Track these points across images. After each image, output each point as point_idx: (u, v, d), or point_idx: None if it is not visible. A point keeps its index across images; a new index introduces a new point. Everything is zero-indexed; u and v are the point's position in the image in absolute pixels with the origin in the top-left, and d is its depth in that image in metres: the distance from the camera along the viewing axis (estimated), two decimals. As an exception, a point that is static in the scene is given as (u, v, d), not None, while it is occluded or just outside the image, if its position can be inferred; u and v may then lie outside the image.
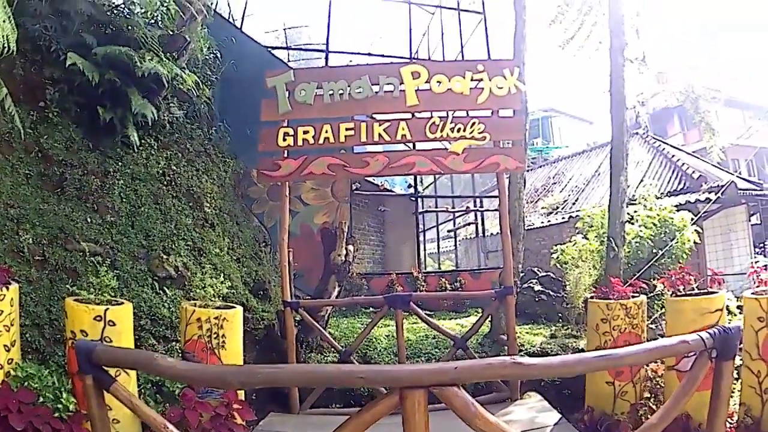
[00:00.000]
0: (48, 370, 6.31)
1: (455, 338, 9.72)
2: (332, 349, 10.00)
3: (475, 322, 10.00)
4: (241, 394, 7.31)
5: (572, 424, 7.85)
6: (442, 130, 9.26)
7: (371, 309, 13.72)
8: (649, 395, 7.95)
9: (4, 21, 6.13)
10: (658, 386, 7.98)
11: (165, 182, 10.22)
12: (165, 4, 10.54)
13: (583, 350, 9.69)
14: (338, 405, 9.32)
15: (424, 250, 21.81)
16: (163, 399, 7.20)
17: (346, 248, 10.95)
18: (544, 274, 13.94)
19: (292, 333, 9.38)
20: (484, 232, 22.81)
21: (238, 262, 11.28)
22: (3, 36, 6.10)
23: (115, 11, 10.46)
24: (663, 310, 9.44)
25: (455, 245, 25.51)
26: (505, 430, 3.25)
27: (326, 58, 16.86)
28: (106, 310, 6.40)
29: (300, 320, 9.79)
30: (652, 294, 9.77)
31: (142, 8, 10.66)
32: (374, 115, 9.95)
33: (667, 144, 24.24)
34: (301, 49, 21.52)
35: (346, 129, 9.39)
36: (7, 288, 6.08)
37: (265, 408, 8.67)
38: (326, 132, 9.34)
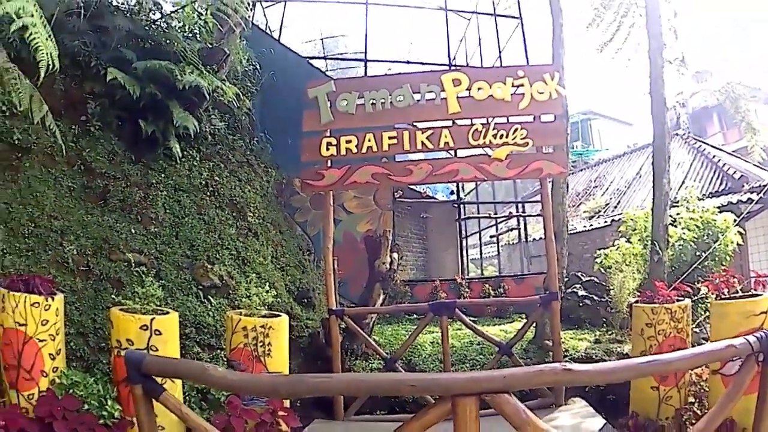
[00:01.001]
0: (93, 378, 6.34)
1: (500, 344, 9.58)
2: (377, 356, 9.90)
3: (520, 328, 9.88)
4: (287, 401, 7.22)
5: (617, 430, 7.69)
6: (484, 137, 9.13)
7: (415, 316, 13.55)
8: (693, 400, 7.72)
9: (46, 39, 6.12)
10: (703, 391, 7.76)
11: (208, 193, 10.21)
12: (203, 18, 10.58)
13: (627, 355, 9.48)
14: (383, 411, 9.25)
15: (467, 256, 21.62)
16: (208, 406, 7.18)
17: (390, 256, 10.83)
18: (588, 278, 13.65)
19: (337, 340, 9.31)
20: (526, 238, 22.54)
21: (282, 271, 11.23)
22: (48, 54, 6.09)
23: (153, 26, 10.50)
24: (707, 313, 9.27)
25: (498, 251, 25.23)
26: None
27: (365, 67, 16.87)
28: (152, 319, 6.44)
29: (345, 328, 9.68)
30: (696, 297, 9.54)
31: (180, 23, 10.74)
32: (415, 123, 9.85)
33: (708, 144, 23.69)
34: (340, 59, 21.55)
35: (389, 137, 9.29)
36: (53, 298, 6.14)
37: (310, 414, 8.59)
38: (369, 141, 9.25)
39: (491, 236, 25.96)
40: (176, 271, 8.80)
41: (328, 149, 9.33)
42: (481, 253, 25.78)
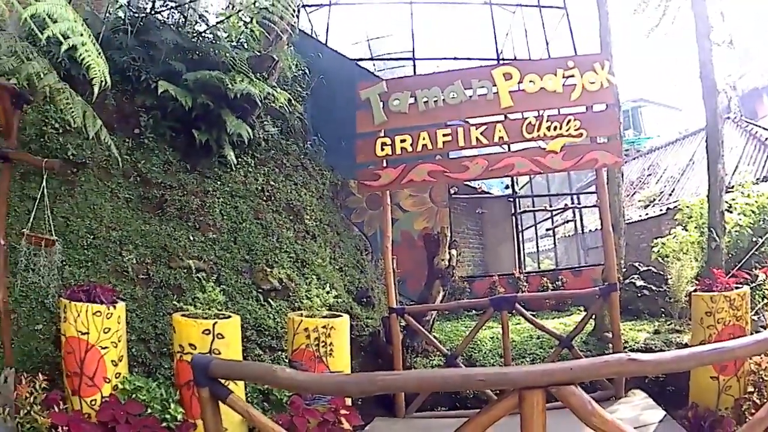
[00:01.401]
0: (156, 383, 6.44)
1: (561, 338, 9.37)
2: (437, 353, 9.76)
3: (580, 320, 9.63)
4: (349, 400, 7.20)
5: (676, 421, 7.46)
6: (538, 130, 8.95)
7: (473, 312, 13.43)
8: (752, 389, 7.44)
9: (97, 56, 6.13)
10: (762, 380, 7.45)
11: (264, 198, 10.19)
12: (249, 27, 10.57)
13: (687, 345, 9.22)
14: (444, 408, 9.08)
15: (523, 250, 21.35)
16: (270, 407, 7.20)
17: (449, 252, 10.69)
18: (646, 268, 13.30)
19: (398, 338, 9.18)
20: (582, 229, 22.22)
21: (341, 272, 11.16)
22: (100, 71, 6.11)
23: (200, 38, 10.61)
24: (765, 300, 9.05)
25: (554, 244, 24.88)
26: (621, 428, 3.06)
27: (414, 66, 16.72)
28: (214, 323, 6.48)
29: (405, 326, 9.56)
30: (754, 284, 9.25)
31: (226, 33, 10.76)
32: (467, 119, 9.72)
33: (760, 127, 23.04)
34: (387, 59, 21.40)
35: (444, 135, 9.18)
36: (114, 306, 6.27)
37: (371, 412, 8.46)
38: (424, 139, 9.16)
39: (547, 229, 25.57)
40: (236, 276, 8.81)
41: (383, 149, 9.27)
42: (537, 247, 25.41)
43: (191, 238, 8.70)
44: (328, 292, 7.85)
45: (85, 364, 5.93)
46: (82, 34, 5.91)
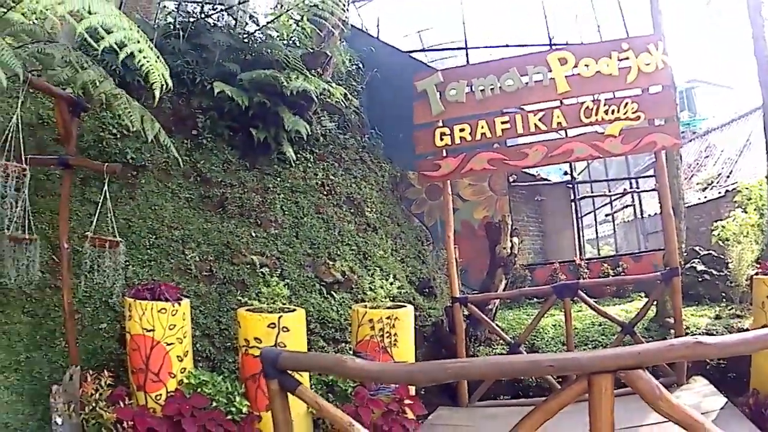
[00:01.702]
0: (221, 376, 6.48)
1: (623, 324, 9.16)
2: (500, 342, 9.61)
3: (642, 306, 9.43)
4: (412, 389, 7.15)
5: (737, 408, 7.17)
6: (596, 114, 8.70)
7: (535, 299, 13.21)
8: (813, 374, 7.17)
9: (156, 61, 6.11)
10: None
11: (324, 192, 10.21)
12: (300, 25, 10.57)
13: (748, 330, 8.89)
14: (506, 397, 8.94)
15: (583, 236, 21.00)
16: (334, 398, 7.11)
17: (510, 240, 10.51)
18: (706, 252, 12.93)
19: (461, 327, 9.03)
20: (642, 214, 21.78)
21: (403, 263, 11.08)
22: (160, 74, 6.13)
23: (252, 38, 10.66)
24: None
25: (613, 229, 24.42)
26: (688, 412, 2.97)
27: (466, 55, 16.48)
28: (279, 317, 6.49)
29: (468, 315, 9.41)
30: (815, 265, 8.93)
31: (277, 32, 10.85)
32: (523, 106, 9.54)
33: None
34: (440, 50, 21.17)
35: (502, 123, 8.98)
36: (179, 303, 6.29)
37: (434, 402, 8.35)
38: (482, 128, 8.98)
39: (606, 215, 25.21)
40: (298, 270, 8.82)
41: (442, 139, 9.11)
42: (596, 233, 24.99)
43: (253, 234, 8.74)
44: (391, 284, 7.79)
45: (151, 360, 5.97)
46: (138, 41, 5.90)
